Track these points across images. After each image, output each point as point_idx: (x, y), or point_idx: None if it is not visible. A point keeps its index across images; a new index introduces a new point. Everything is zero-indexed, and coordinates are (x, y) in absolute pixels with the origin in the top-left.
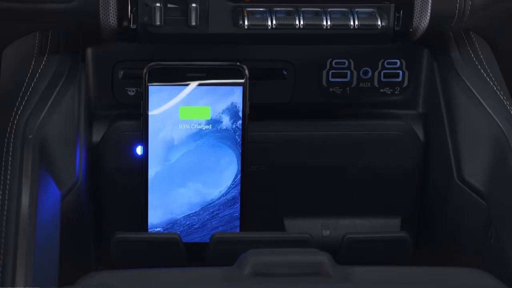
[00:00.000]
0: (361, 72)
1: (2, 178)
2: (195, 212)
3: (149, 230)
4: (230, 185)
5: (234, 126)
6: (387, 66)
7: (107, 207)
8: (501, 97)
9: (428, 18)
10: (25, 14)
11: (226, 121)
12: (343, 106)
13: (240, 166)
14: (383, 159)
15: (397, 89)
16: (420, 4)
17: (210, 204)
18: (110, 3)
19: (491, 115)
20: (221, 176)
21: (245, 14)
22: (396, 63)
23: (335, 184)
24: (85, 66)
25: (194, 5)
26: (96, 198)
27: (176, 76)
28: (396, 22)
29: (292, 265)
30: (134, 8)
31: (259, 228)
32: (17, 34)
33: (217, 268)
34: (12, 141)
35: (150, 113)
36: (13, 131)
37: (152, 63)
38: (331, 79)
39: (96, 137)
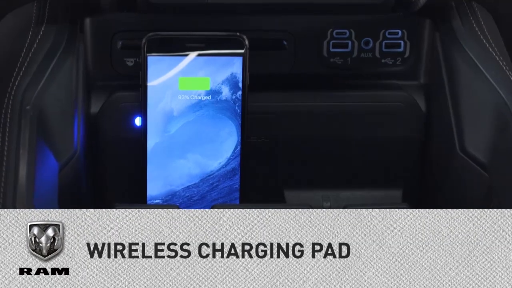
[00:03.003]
0: (362, 42)
1: None
2: (194, 184)
3: (148, 202)
4: (230, 156)
5: (234, 97)
6: (388, 36)
7: (106, 178)
8: (504, 67)
9: None
10: None
11: (226, 92)
12: (344, 76)
13: (240, 137)
14: (385, 130)
15: (399, 59)
16: None
17: (209, 175)
18: None
19: (493, 85)
20: (220, 147)
21: None
22: (397, 33)
23: (335, 155)
24: (83, 37)
25: None
26: (94, 169)
27: (175, 47)
28: None
29: None
30: None
31: (259, 200)
32: (15, 3)
33: None
34: (9, 112)
35: (149, 83)
36: (11, 102)
37: (151, 33)
38: (331, 50)
39: (95, 108)
